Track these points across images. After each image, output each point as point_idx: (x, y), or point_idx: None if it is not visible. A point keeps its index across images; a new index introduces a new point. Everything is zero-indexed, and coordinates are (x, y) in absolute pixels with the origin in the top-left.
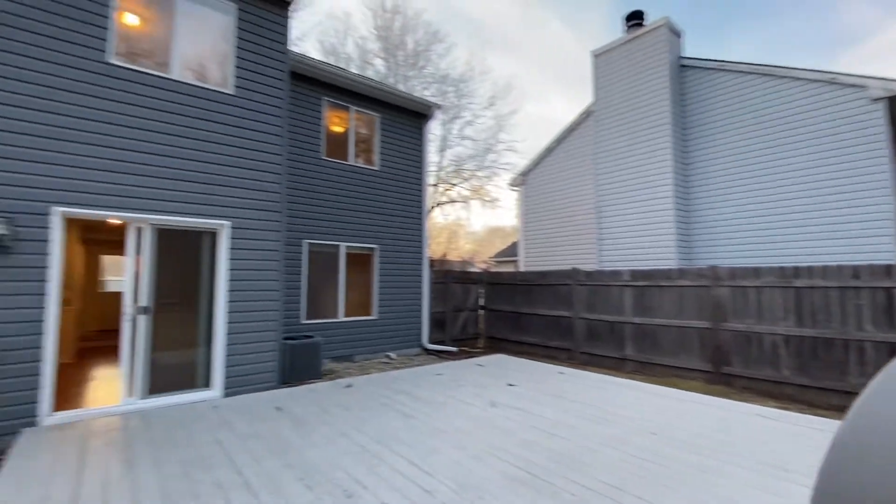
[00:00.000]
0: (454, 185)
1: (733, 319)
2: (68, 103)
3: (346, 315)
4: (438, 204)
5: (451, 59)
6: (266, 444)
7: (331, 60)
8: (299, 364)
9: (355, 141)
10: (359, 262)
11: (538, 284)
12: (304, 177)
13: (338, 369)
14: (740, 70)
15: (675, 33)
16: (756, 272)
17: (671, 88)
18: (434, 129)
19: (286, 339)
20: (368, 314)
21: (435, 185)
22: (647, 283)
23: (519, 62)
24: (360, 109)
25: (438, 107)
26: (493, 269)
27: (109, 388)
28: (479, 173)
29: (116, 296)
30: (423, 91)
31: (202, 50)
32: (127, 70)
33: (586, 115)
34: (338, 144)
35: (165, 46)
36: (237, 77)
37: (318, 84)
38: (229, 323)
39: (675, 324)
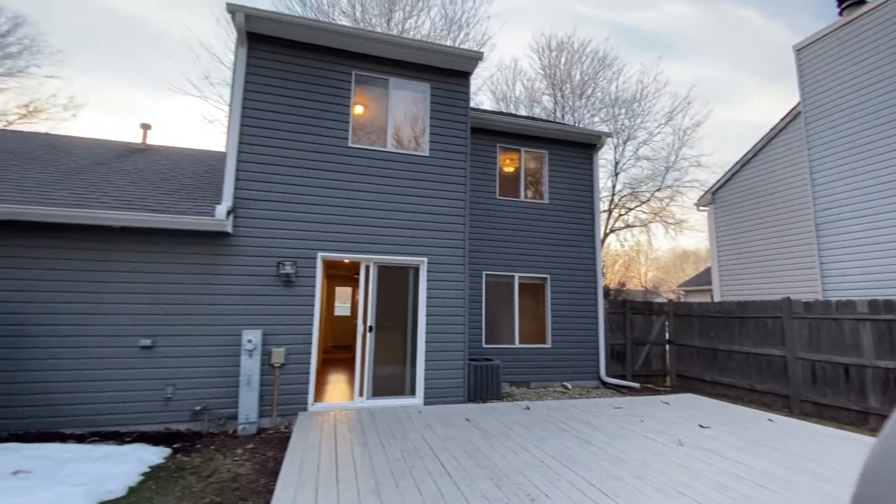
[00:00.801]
0: (630, 209)
1: None
2: (326, 179)
3: (521, 342)
4: (613, 230)
5: (622, 81)
6: (460, 445)
7: (501, 106)
8: (481, 384)
9: (525, 178)
10: (531, 292)
11: (738, 317)
12: (481, 215)
13: (515, 393)
14: None
15: None
16: None
17: None
18: (604, 154)
19: (470, 360)
20: (542, 342)
21: (609, 210)
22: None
23: (705, 67)
24: (529, 149)
25: (608, 135)
26: (683, 299)
27: (346, 390)
28: (660, 194)
29: (344, 319)
30: (591, 118)
31: (406, 124)
32: (358, 149)
33: (792, 117)
34: (510, 183)
35: (382, 125)
36: (431, 141)
37: (491, 133)
38: (427, 342)
39: None
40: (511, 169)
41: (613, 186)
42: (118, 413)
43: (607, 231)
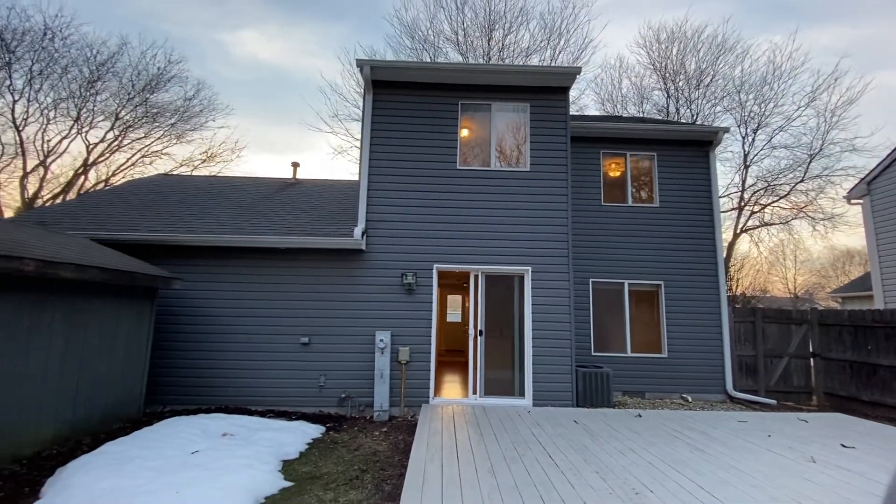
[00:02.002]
0: (766, 205)
1: None
2: (439, 199)
3: (634, 351)
4: (745, 230)
5: (747, 64)
6: (567, 442)
7: (607, 106)
8: (590, 390)
9: (632, 182)
10: (644, 299)
11: None
12: (586, 222)
13: (627, 402)
14: None
15: None
16: None
17: None
18: (730, 147)
19: (578, 367)
20: (657, 351)
21: (738, 208)
22: None
23: (858, 29)
24: (634, 153)
25: (725, 130)
26: (842, 307)
27: (460, 388)
28: (803, 186)
29: (455, 324)
30: (711, 109)
31: (508, 142)
32: (465, 170)
33: None
34: (615, 188)
35: (485, 146)
36: (532, 156)
37: (593, 140)
38: (534, 347)
39: None
40: (616, 174)
41: (743, 181)
42: (286, 396)
43: (737, 231)
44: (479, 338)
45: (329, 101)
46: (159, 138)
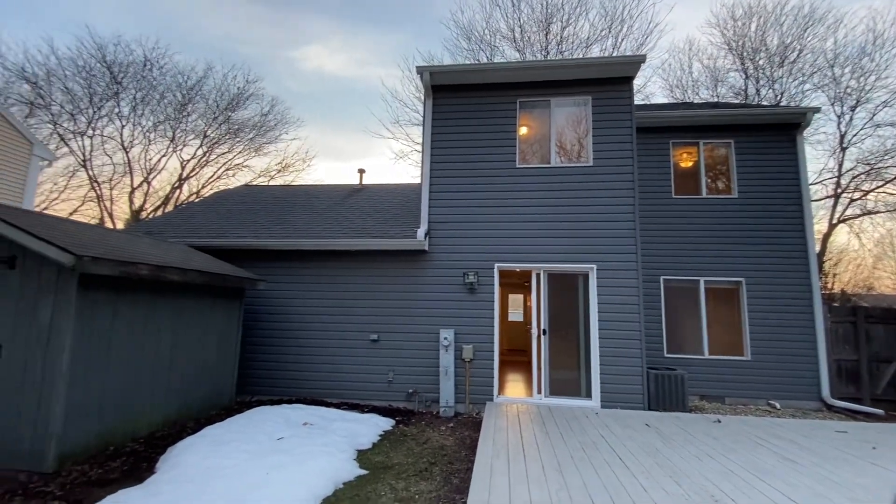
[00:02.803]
0: (867, 192)
1: None
2: (499, 199)
3: (712, 353)
4: (843, 220)
5: (841, 34)
6: (639, 445)
7: (676, 94)
8: (662, 393)
9: (706, 173)
10: (722, 297)
11: None
12: (655, 217)
13: (705, 407)
14: None
15: None
16: None
17: None
18: (823, 128)
19: (649, 368)
20: (739, 354)
21: (835, 195)
22: None
23: None
24: (709, 141)
25: (815, 110)
26: None
27: (523, 387)
28: None
29: (516, 324)
30: (799, 87)
31: (568, 137)
32: (524, 168)
33: None
34: (687, 180)
35: (545, 143)
36: (594, 150)
37: (662, 130)
38: (601, 347)
39: None
40: (688, 164)
41: (839, 166)
42: (358, 390)
43: (833, 222)
44: (542, 337)
45: (390, 107)
46: (241, 152)
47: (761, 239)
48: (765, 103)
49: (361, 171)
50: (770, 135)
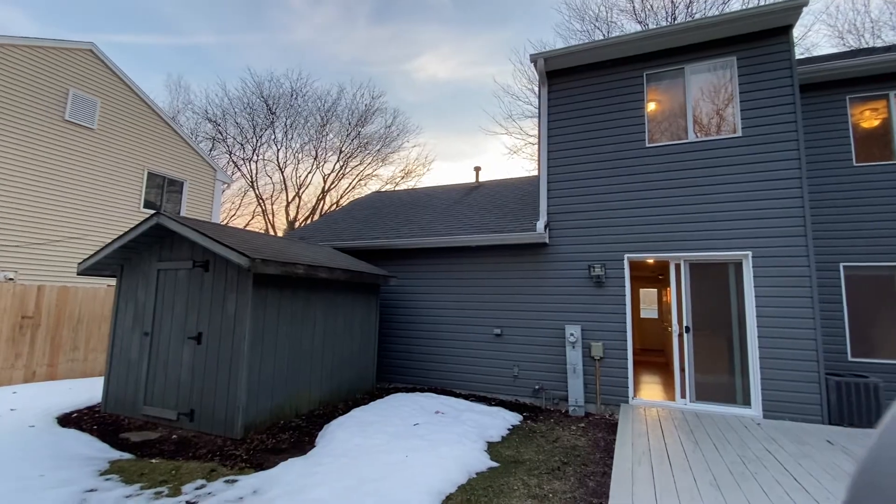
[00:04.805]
0: None
1: None
2: (626, 183)
3: None
4: None
5: None
6: (819, 466)
7: (848, 41)
8: (848, 405)
9: None
10: None
11: None
12: (829, 191)
13: None
14: None
15: None
16: None
17: None
18: None
19: (829, 374)
20: None
21: None
22: None
23: None
24: None
25: None
26: None
27: (662, 390)
28: None
29: (650, 321)
30: None
31: (708, 107)
32: (656, 147)
33: None
34: (873, 143)
35: (680, 117)
36: (743, 118)
37: (834, 84)
38: (760, 348)
39: None
40: (874, 123)
41: None
42: (484, 383)
43: None
44: (684, 335)
45: (502, 103)
46: (370, 163)
47: None
48: None
49: (477, 169)
50: None
